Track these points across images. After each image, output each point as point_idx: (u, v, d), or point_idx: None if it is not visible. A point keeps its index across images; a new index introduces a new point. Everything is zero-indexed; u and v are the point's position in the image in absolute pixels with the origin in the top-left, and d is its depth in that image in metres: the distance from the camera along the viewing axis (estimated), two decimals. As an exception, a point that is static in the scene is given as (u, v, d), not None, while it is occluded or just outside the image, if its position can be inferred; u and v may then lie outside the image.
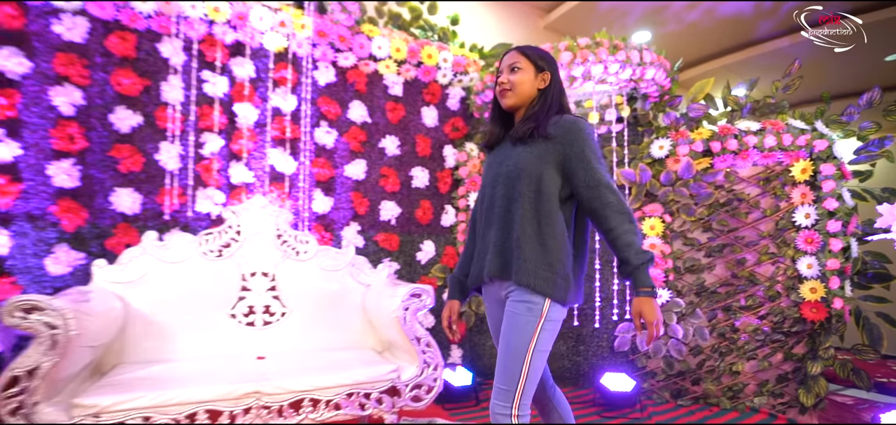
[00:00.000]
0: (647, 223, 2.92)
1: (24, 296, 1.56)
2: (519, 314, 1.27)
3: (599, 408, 2.72)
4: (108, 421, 1.63)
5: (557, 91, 1.41)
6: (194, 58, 2.65)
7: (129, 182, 2.52)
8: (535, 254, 1.28)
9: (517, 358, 1.25)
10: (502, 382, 1.26)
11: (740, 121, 3.00)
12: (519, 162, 1.33)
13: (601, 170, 1.29)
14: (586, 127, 1.33)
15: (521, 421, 1.25)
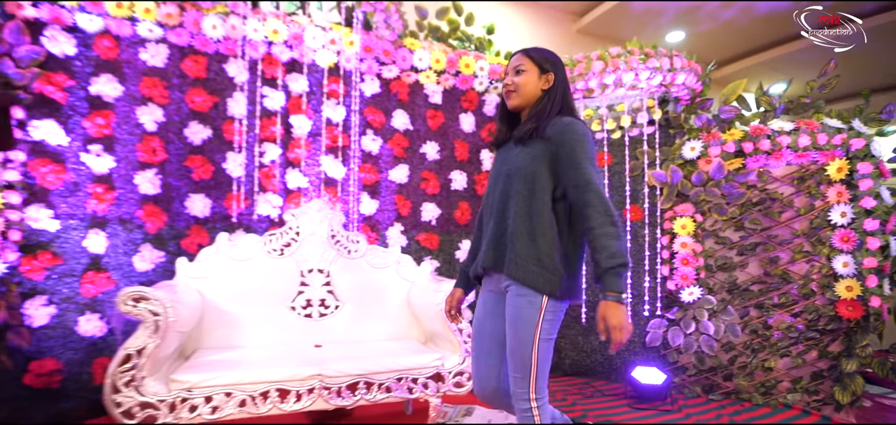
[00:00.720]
0: (678, 222, 3.02)
1: (133, 287, 1.87)
2: (521, 307, 1.34)
3: (631, 401, 2.85)
4: (198, 395, 1.91)
5: (561, 92, 1.44)
6: (256, 75, 2.94)
7: (200, 188, 2.83)
8: (526, 250, 1.34)
9: (526, 348, 1.33)
10: (516, 371, 1.36)
11: (773, 122, 3.04)
12: (516, 162, 1.39)
13: (590, 172, 1.30)
14: (581, 128, 1.35)
15: (539, 401, 1.35)
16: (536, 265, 1.32)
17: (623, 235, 1.28)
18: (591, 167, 1.32)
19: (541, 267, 1.32)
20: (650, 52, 2.82)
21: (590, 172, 1.30)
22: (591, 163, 1.32)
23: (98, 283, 2.60)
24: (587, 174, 1.30)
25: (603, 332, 1.27)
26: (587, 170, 1.30)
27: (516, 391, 1.36)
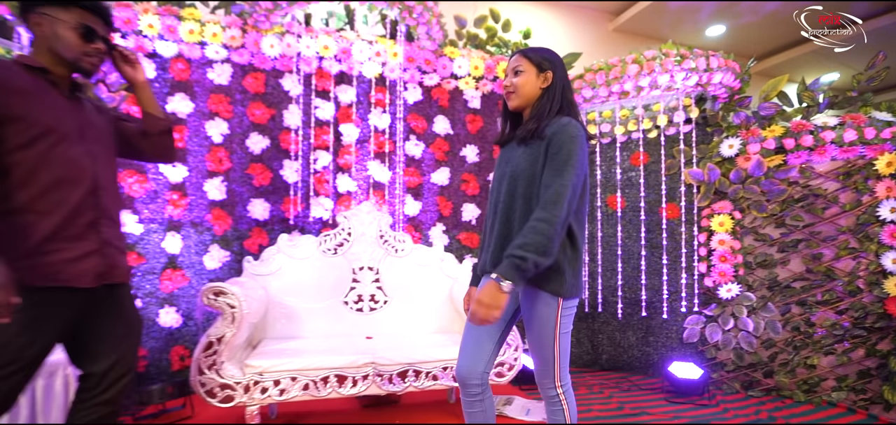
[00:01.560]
0: (715, 220, 3.05)
1: (213, 283, 2.13)
2: (538, 309, 1.39)
3: (667, 396, 2.92)
4: (268, 379, 2.16)
5: (560, 90, 1.44)
6: (309, 88, 3.19)
7: (260, 194, 3.11)
8: None
9: (547, 344, 1.40)
10: (541, 363, 1.44)
11: (817, 117, 3.02)
12: (519, 163, 1.41)
13: (568, 176, 1.30)
14: (573, 129, 1.34)
15: (564, 389, 1.45)
16: (547, 269, 1.34)
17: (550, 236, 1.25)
18: (570, 169, 1.30)
19: (551, 270, 1.34)
20: (686, 53, 2.87)
21: (565, 176, 1.29)
22: (572, 168, 1.30)
23: (174, 280, 2.91)
24: (561, 176, 1.29)
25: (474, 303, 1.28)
26: (564, 172, 1.30)
27: (542, 381, 1.46)
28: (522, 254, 1.24)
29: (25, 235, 1.23)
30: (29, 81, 1.27)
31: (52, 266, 1.26)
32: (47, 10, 1.29)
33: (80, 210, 1.32)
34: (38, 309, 1.23)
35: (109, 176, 1.43)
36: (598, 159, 3.56)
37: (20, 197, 1.23)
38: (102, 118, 1.47)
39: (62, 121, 1.30)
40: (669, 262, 3.28)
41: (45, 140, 1.25)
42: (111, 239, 1.40)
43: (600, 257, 3.54)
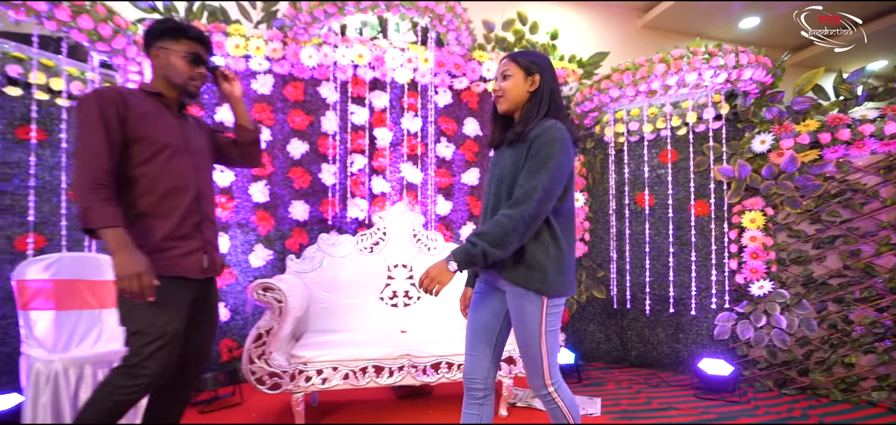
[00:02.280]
0: (747, 216, 3.04)
1: (262, 279, 2.31)
2: (524, 309, 1.41)
3: (697, 392, 2.93)
4: (312, 368, 2.32)
5: (548, 92, 1.45)
6: (345, 95, 3.36)
7: (300, 196, 3.30)
8: (519, 253, 1.38)
9: (533, 343, 1.42)
10: (529, 363, 1.45)
11: (855, 109, 2.96)
12: (505, 165, 1.44)
13: (542, 177, 1.32)
14: (554, 132, 1.35)
15: (556, 386, 1.46)
16: (529, 268, 1.38)
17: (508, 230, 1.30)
18: (546, 171, 1.33)
19: (533, 269, 1.37)
20: (714, 50, 2.87)
21: (539, 177, 1.32)
22: (548, 170, 1.33)
23: (223, 278, 3.13)
24: (535, 177, 1.32)
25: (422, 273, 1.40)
26: (539, 173, 1.33)
27: (533, 382, 1.46)
28: (475, 241, 1.31)
29: (149, 235, 1.49)
30: (149, 105, 1.53)
31: (170, 260, 1.51)
32: (163, 43, 1.54)
33: (188, 213, 1.56)
34: (169, 294, 1.50)
35: (208, 183, 1.69)
36: (626, 157, 3.58)
37: (143, 203, 1.49)
38: (202, 132, 1.72)
39: (174, 137, 1.55)
40: (698, 259, 3.28)
41: (162, 155, 1.51)
42: (211, 238, 1.66)
43: (629, 254, 3.57)
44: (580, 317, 3.68)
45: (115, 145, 1.43)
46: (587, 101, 3.40)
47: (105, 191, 1.39)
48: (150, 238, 1.49)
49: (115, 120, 1.43)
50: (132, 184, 1.48)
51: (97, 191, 1.37)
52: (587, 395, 2.86)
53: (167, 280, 1.49)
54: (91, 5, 2.43)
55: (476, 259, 1.31)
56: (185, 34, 1.54)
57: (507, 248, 1.31)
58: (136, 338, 1.48)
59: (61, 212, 2.66)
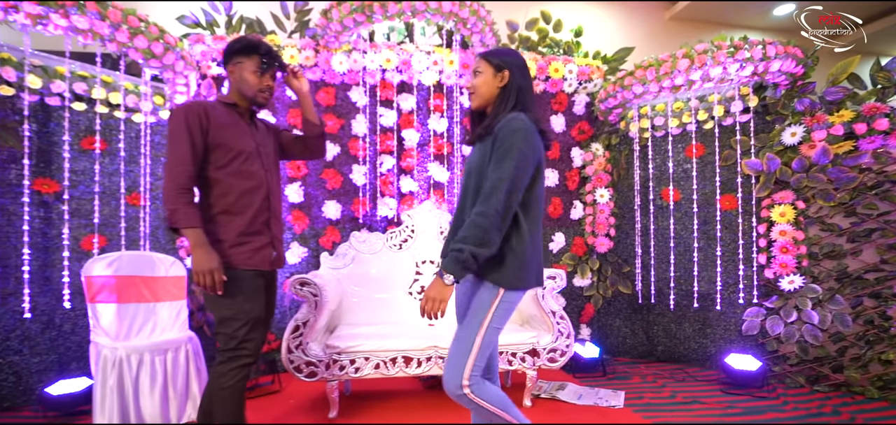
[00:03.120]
0: (776, 210, 3.00)
1: (298, 275, 2.48)
2: (479, 296, 1.41)
3: (724, 387, 2.93)
4: (345, 358, 2.48)
5: (516, 88, 1.47)
6: (374, 99, 3.51)
7: (333, 196, 3.47)
8: None
9: (473, 332, 1.40)
10: (456, 353, 1.41)
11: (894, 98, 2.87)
12: (475, 160, 1.46)
13: (507, 167, 1.33)
14: (517, 122, 1.37)
15: (471, 386, 1.40)
16: (491, 260, 1.38)
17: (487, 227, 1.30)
18: (510, 161, 1.33)
19: (495, 261, 1.38)
20: (739, 43, 2.84)
21: (504, 168, 1.32)
22: (512, 159, 1.33)
23: (264, 273, 3.34)
24: (501, 168, 1.33)
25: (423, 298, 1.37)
26: (503, 164, 1.33)
27: (450, 376, 1.41)
28: (460, 246, 1.31)
29: (226, 231, 1.69)
30: (227, 116, 1.73)
31: (246, 254, 1.71)
32: (237, 59, 1.74)
33: (259, 212, 1.75)
34: (250, 284, 1.71)
35: (277, 184, 1.88)
36: (651, 153, 3.58)
37: (221, 203, 1.69)
38: (270, 136, 1.91)
39: (247, 143, 1.74)
40: (725, 254, 3.26)
41: (237, 160, 1.71)
42: (277, 233, 1.86)
43: (653, 250, 3.57)
44: (606, 312, 3.72)
45: (197, 153, 1.64)
46: (610, 97, 3.42)
47: (188, 194, 1.63)
48: (227, 234, 1.69)
49: (198, 131, 1.64)
50: (212, 186, 1.69)
51: (182, 195, 1.61)
52: (611, 388, 2.91)
53: (247, 272, 1.70)
54: (145, 26, 2.66)
55: (468, 264, 1.31)
56: (256, 50, 1.73)
57: (491, 244, 1.32)
58: (228, 324, 1.69)
59: (120, 214, 2.92)
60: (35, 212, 2.67)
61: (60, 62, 2.74)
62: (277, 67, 1.80)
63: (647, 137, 3.57)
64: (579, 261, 3.67)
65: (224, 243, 1.68)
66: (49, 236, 2.72)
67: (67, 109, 2.75)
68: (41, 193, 2.70)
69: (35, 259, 2.65)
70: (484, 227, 1.30)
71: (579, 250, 3.68)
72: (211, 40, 3.23)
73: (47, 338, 2.70)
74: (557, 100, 3.72)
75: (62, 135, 2.73)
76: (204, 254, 1.60)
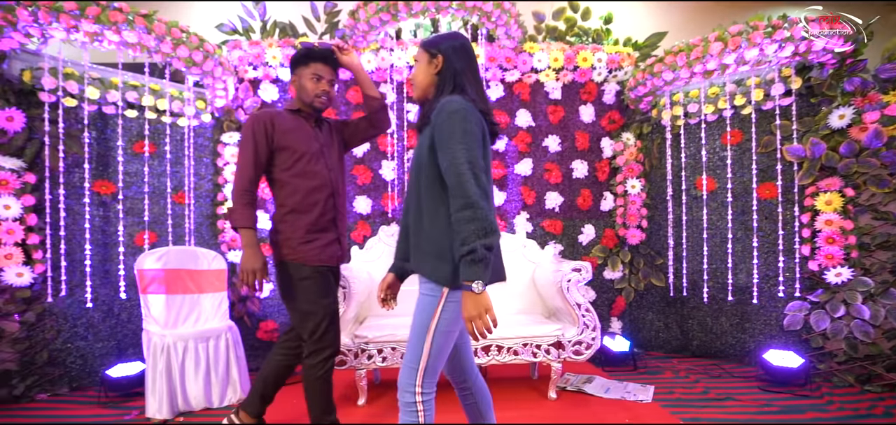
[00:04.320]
0: (821, 198, 2.82)
1: (327, 268, 2.59)
2: (423, 297, 1.32)
3: (762, 384, 2.80)
4: (373, 348, 2.58)
5: (451, 73, 1.37)
6: (401, 95, 3.58)
7: (363, 191, 3.58)
8: (424, 243, 1.32)
9: (420, 337, 1.30)
10: (409, 360, 1.32)
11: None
12: (417, 150, 1.38)
13: (458, 152, 1.20)
14: (451, 105, 1.25)
15: (424, 395, 1.30)
16: (432, 257, 1.29)
17: (481, 216, 1.16)
18: (458, 144, 1.20)
19: (436, 258, 1.28)
20: (778, 22, 2.69)
21: (455, 153, 1.20)
22: (459, 142, 1.21)
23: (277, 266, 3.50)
24: (451, 155, 1.20)
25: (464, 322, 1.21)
26: (452, 150, 1.21)
27: (403, 379, 1.32)
28: (468, 249, 1.15)
29: (295, 229, 1.84)
30: (291, 121, 1.87)
31: (315, 250, 1.85)
32: (298, 70, 1.89)
33: (325, 210, 1.88)
34: (325, 279, 1.87)
35: (341, 182, 2.01)
36: (684, 141, 3.45)
37: (290, 203, 1.84)
38: (334, 135, 2.04)
39: (311, 145, 1.88)
40: (764, 245, 3.10)
41: (302, 161, 1.85)
42: (342, 230, 1.99)
43: (686, 241, 3.45)
44: (638, 305, 3.63)
45: (260, 159, 1.80)
46: (640, 85, 3.33)
47: (247, 196, 1.78)
48: (296, 232, 1.83)
49: (263, 138, 1.79)
50: (281, 187, 1.84)
51: (241, 196, 1.78)
52: (640, 383, 2.85)
53: (320, 268, 1.84)
54: (186, 37, 2.85)
55: (485, 259, 1.16)
56: (311, 58, 1.87)
57: (493, 228, 1.18)
58: (309, 319, 1.83)
59: (167, 212, 3.16)
60: (95, 212, 2.93)
61: (114, 74, 2.99)
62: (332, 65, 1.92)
63: (680, 125, 3.44)
64: (610, 253, 3.60)
65: (293, 240, 1.81)
66: (108, 233, 2.98)
67: (121, 117, 2.99)
68: (100, 194, 2.96)
69: (96, 254, 2.92)
70: (477, 217, 1.15)
71: (610, 242, 3.61)
72: (247, 45, 3.41)
73: (108, 326, 2.97)
74: (586, 89, 3.66)
75: (117, 140, 2.98)
76: (251, 254, 1.76)
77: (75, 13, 2.51)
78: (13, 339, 2.65)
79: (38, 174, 2.74)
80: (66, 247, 2.81)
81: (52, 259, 2.75)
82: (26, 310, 2.69)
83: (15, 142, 2.69)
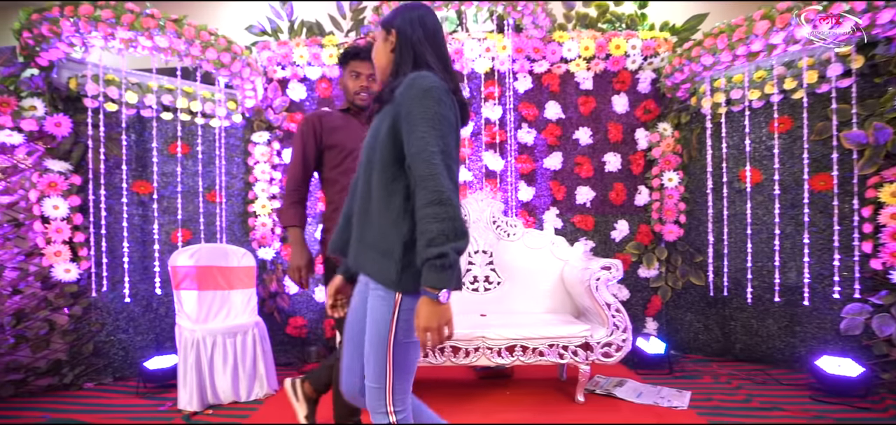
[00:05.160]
0: (886, 189, 2.54)
1: (349, 265, 2.60)
2: (376, 306, 1.14)
3: (814, 394, 2.56)
4: (394, 346, 2.56)
5: (409, 43, 1.20)
6: (427, 91, 3.54)
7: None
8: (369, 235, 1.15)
9: (379, 352, 1.13)
10: (372, 380, 1.16)
11: None
12: (370, 133, 1.22)
13: (430, 137, 1.05)
14: (421, 81, 1.09)
15: (397, 413, 1.16)
16: (376, 253, 1.12)
17: (453, 215, 1.01)
18: (430, 129, 1.05)
19: (381, 255, 1.12)
20: (834, -4, 2.44)
21: (427, 138, 1.05)
22: (430, 125, 1.06)
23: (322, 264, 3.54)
24: (422, 140, 1.05)
25: (416, 330, 1.06)
26: (423, 135, 1.05)
27: (372, 404, 1.17)
28: (436, 251, 1.00)
29: None
30: (340, 119, 1.92)
31: None
32: (342, 70, 1.94)
33: None
34: None
35: None
36: (725, 130, 3.22)
37: (338, 200, 1.85)
38: None
39: (358, 142, 1.88)
40: (816, 242, 2.84)
41: (349, 158, 1.89)
42: None
43: (727, 237, 3.22)
44: (675, 305, 3.43)
45: (309, 159, 1.86)
46: (677, 71, 3.13)
47: (294, 195, 1.85)
48: None
49: (311, 138, 1.85)
50: (331, 185, 1.88)
51: (289, 195, 1.86)
52: (676, 388, 2.69)
53: None
54: (214, 39, 2.93)
55: (455, 265, 1.03)
56: (348, 57, 1.92)
57: (465, 230, 1.04)
58: None
59: (200, 211, 3.27)
60: (135, 211, 3.08)
61: (150, 78, 3.12)
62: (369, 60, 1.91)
63: (722, 113, 3.20)
64: (645, 250, 3.42)
65: None
66: (146, 231, 3.12)
67: (155, 119, 3.12)
68: (139, 194, 3.10)
69: (136, 251, 3.06)
70: (449, 216, 1.01)
71: (645, 239, 3.43)
72: (275, 46, 3.47)
73: (147, 320, 3.11)
74: (619, 78, 3.48)
75: (153, 142, 3.11)
76: (297, 251, 1.81)
77: (111, 21, 2.63)
78: (63, 331, 2.83)
79: (83, 176, 2.89)
80: (108, 245, 2.96)
81: (95, 256, 2.91)
82: (74, 304, 2.86)
83: (63, 147, 2.85)
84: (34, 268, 2.79)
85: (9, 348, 2.73)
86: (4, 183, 2.78)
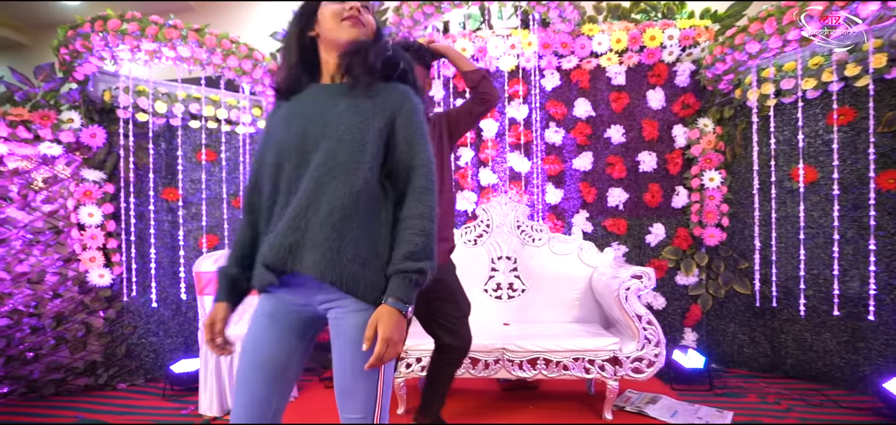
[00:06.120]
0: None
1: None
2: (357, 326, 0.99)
3: (882, 419, 2.27)
4: (412, 356, 2.48)
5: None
6: (449, 90, 3.45)
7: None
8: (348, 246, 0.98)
9: (371, 380, 1.01)
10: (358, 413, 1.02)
11: None
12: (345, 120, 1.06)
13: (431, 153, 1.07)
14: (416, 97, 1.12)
15: None
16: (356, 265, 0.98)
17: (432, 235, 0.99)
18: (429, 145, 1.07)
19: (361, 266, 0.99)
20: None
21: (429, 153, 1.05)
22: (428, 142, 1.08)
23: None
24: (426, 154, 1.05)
25: (368, 340, 0.94)
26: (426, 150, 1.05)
27: None
28: (418, 267, 0.96)
29: None
30: None
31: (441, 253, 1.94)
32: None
33: None
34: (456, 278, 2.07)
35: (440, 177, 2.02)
36: (774, 124, 2.92)
37: None
38: (436, 130, 2.01)
39: None
40: (885, 248, 2.52)
41: None
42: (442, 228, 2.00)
43: (775, 242, 2.92)
44: (717, 315, 3.16)
45: None
46: (719, 61, 2.87)
47: None
48: None
49: None
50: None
51: None
52: (716, 407, 2.46)
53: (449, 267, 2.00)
54: (235, 47, 2.96)
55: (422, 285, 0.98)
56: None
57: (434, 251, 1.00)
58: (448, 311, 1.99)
59: (224, 217, 3.32)
60: (164, 217, 3.16)
61: (177, 88, 3.19)
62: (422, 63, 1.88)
63: (770, 106, 2.91)
64: (683, 255, 3.17)
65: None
66: (175, 237, 3.20)
67: (180, 128, 3.19)
68: (168, 201, 3.19)
69: (165, 257, 3.14)
70: (431, 234, 0.99)
71: (683, 243, 3.18)
72: (299, 52, 3.48)
73: (176, 323, 3.19)
74: (655, 72, 3.25)
75: (179, 150, 3.19)
76: None
77: (136, 34, 2.70)
78: (98, 334, 2.94)
79: (116, 184, 3.00)
80: (138, 251, 3.05)
81: (126, 261, 3.01)
82: (108, 307, 2.96)
83: (98, 157, 2.97)
84: (72, 272, 2.92)
85: (50, 349, 2.87)
86: (46, 192, 2.92)
